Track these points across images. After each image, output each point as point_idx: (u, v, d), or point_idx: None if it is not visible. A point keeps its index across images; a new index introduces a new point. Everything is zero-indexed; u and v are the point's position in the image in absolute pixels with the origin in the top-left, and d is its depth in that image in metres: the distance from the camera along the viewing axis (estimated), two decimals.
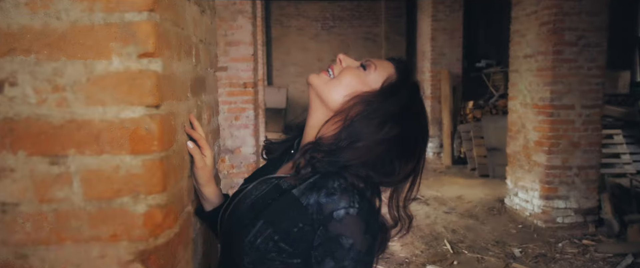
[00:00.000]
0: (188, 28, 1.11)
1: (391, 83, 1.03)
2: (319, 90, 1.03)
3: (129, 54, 0.79)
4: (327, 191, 0.91)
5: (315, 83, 1.04)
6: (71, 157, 0.80)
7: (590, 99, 4.79)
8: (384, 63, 1.07)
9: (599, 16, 4.69)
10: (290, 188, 0.96)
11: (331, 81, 1.03)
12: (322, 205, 0.90)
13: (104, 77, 0.79)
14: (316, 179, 0.95)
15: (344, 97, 1.01)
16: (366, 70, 1.04)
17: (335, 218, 0.88)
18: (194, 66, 1.18)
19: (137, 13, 0.79)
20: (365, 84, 1.02)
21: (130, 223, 0.82)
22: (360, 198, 0.91)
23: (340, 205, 0.89)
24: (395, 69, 1.06)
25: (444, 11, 8.20)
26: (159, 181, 0.82)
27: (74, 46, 0.78)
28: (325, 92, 1.02)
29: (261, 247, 0.92)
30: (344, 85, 1.02)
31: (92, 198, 0.81)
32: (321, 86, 1.03)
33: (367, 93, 1.01)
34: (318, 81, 1.04)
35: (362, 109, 0.99)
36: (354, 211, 0.89)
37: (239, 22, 4.31)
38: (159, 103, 0.81)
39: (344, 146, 0.96)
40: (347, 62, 1.07)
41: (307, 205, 0.91)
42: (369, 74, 1.03)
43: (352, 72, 1.03)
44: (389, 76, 1.04)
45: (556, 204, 4.84)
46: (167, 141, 0.85)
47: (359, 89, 1.01)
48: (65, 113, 0.79)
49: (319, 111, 1.04)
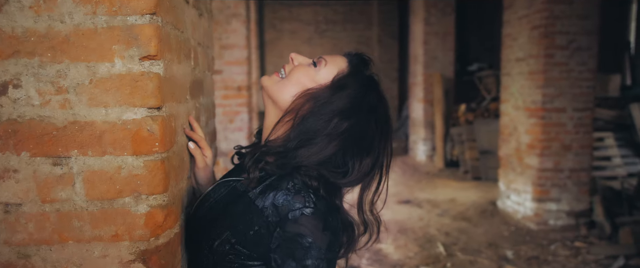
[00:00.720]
0: (187, 31, 1.13)
1: (340, 77, 1.01)
2: (269, 91, 1.03)
3: (131, 56, 0.81)
4: (282, 192, 0.91)
5: (266, 85, 1.04)
6: (74, 158, 0.81)
7: (582, 102, 4.84)
8: (336, 58, 1.05)
9: (589, 20, 4.75)
10: (247, 190, 0.96)
11: (281, 81, 1.03)
12: (277, 207, 0.89)
13: (106, 80, 0.80)
14: (271, 181, 0.94)
15: (293, 96, 1.00)
16: (317, 67, 1.03)
17: (292, 219, 0.87)
18: (193, 69, 1.20)
19: (140, 16, 0.80)
20: (315, 81, 1.01)
21: (131, 224, 0.83)
22: (315, 197, 0.91)
23: (295, 206, 0.88)
24: (348, 63, 1.04)
25: (436, 15, 8.25)
26: (160, 182, 0.84)
27: (78, 49, 0.79)
28: (275, 92, 1.02)
29: (219, 249, 0.92)
30: (293, 83, 1.01)
31: (94, 198, 0.82)
32: (271, 87, 1.03)
33: (315, 89, 0.99)
34: (269, 82, 1.04)
35: (310, 106, 0.97)
36: (309, 210, 0.88)
37: (234, 25, 4.32)
38: (160, 104, 0.83)
39: (293, 147, 0.95)
40: (298, 60, 1.07)
41: (263, 208, 0.91)
42: (319, 71, 1.02)
43: (301, 70, 1.02)
44: (340, 71, 1.02)
45: (548, 206, 4.88)
46: (168, 142, 0.87)
47: (308, 86, 1.00)
48: (68, 114, 0.80)
49: (272, 113, 1.04)
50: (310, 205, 0.89)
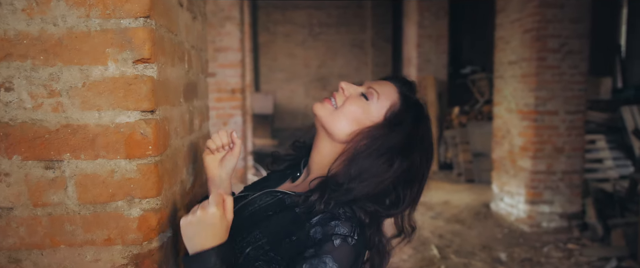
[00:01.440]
0: (181, 34, 1.12)
1: (395, 113, 1.02)
2: (323, 121, 1.04)
3: (125, 59, 0.80)
4: (332, 215, 0.92)
5: (319, 114, 1.05)
6: (66, 161, 0.80)
7: (574, 104, 4.88)
8: (385, 88, 1.05)
9: (581, 23, 4.78)
10: (294, 205, 0.97)
11: (335, 111, 1.04)
12: (324, 227, 0.90)
13: (100, 83, 0.80)
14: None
15: (348, 130, 1.01)
16: (368, 99, 1.04)
17: (333, 241, 0.89)
18: (187, 72, 1.19)
19: (134, 20, 0.80)
20: (369, 114, 1.02)
21: (124, 227, 0.82)
22: (361, 231, 0.93)
23: (341, 231, 0.90)
24: (399, 94, 1.05)
25: (430, 18, 8.28)
26: (153, 186, 0.83)
27: (71, 52, 0.79)
28: (329, 123, 1.03)
29: (251, 254, 0.92)
30: (347, 117, 1.02)
31: (86, 202, 0.81)
32: (326, 117, 1.04)
33: (371, 127, 1.01)
34: (322, 111, 1.05)
35: (368, 144, 0.99)
36: (352, 241, 0.89)
37: (227, 28, 4.32)
38: (154, 107, 0.83)
39: (353, 182, 0.96)
40: (349, 90, 1.06)
41: (309, 223, 0.92)
42: (372, 104, 1.03)
43: (354, 103, 1.03)
44: (392, 103, 1.03)
45: (541, 209, 4.90)
46: (161, 146, 0.86)
47: (362, 120, 1.02)
48: (61, 117, 0.80)
49: (325, 141, 1.06)
50: (355, 237, 0.90)
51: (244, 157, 4.61)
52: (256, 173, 7.42)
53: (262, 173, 7.47)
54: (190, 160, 1.23)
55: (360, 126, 1.02)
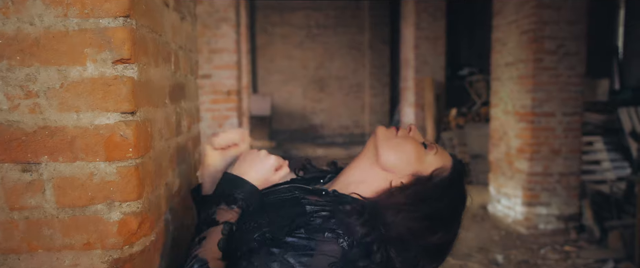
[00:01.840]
0: (167, 35, 1.11)
1: (442, 176, 1.02)
2: (379, 141, 1.04)
3: (104, 60, 0.79)
4: (337, 216, 0.91)
5: (380, 134, 1.05)
6: (44, 164, 0.78)
7: (570, 106, 4.87)
8: (444, 152, 1.08)
9: (578, 25, 4.78)
10: (307, 203, 0.97)
11: (394, 139, 1.04)
12: (326, 219, 0.90)
13: (78, 84, 0.78)
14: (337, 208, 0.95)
15: (395, 161, 1.01)
16: (427, 149, 1.04)
17: (324, 234, 0.88)
18: (173, 73, 1.18)
19: (113, 19, 0.78)
20: (421, 160, 1.02)
21: (104, 231, 0.80)
22: (357, 242, 0.89)
23: (337, 230, 0.88)
24: (453, 163, 1.06)
25: (427, 20, 8.28)
26: (134, 189, 0.81)
27: (48, 52, 0.77)
28: (384, 145, 1.03)
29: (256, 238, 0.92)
30: (402, 149, 1.02)
31: (65, 205, 0.79)
32: (383, 140, 1.04)
33: (420, 176, 1.00)
34: (384, 133, 1.05)
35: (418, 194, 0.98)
36: (344, 244, 0.88)
37: (223, 30, 4.30)
38: (134, 109, 0.81)
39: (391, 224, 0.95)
40: (415, 134, 1.08)
41: (312, 213, 0.92)
42: (428, 154, 1.03)
43: (415, 144, 1.04)
44: (444, 165, 1.03)
45: (538, 211, 4.89)
46: (142, 148, 0.85)
47: (412, 161, 1.01)
48: (38, 119, 0.78)
49: (367, 160, 1.05)
50: (348, 241, 0.88)
51: None
52: None
53: None
54: (178, 162, 1.21)
55: (408, 164, 1.01)
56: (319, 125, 12.08)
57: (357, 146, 11.02)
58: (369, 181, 1.02)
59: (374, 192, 1.01)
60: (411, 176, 1.01)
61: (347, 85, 12.00)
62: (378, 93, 11.87)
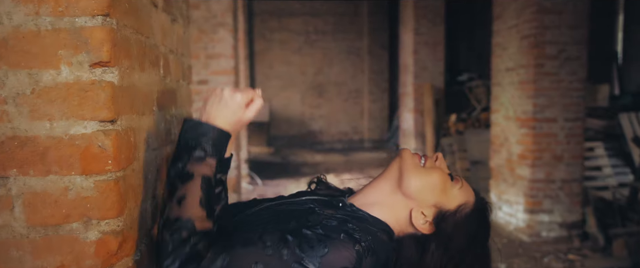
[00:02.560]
0: (155, 37, 1.03)
1: (466, 212, 0.99)
2: (404, 167, 1.00)
3: (80, 63, 0.71)
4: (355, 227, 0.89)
5: (406, 159, 1.01)
6: (12, 178, 0.71)
7: (572, 112, 4.80)
8: (468, 187, 1.05)
9: (579, 30, 4.72)
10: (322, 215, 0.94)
11: (421, 167, 1.01)
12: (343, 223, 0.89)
13: (51, 89, 0.71)
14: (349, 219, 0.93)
15: (419, 189, 0.98)
16: (453, 181, 1.02)
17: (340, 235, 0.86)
18: (162, 78, 1.10)
19: (90, 18, 0.71)
20: (445, 193, 0.99)
21: (80, 253, 0.73)
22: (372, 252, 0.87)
23: (354, 234, 0.86)
24: (476, 199, 1.03)
25: (426, 25, 8.23)
26: (113, 205, 0.74)
27: (17, 54, 0.70)
28: (408, 172, 0.99)
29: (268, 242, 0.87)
30: (428, 179, 0.99)
31: (36, 224, 0.72)
32: (409, 166, 1.00)
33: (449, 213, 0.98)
34: (410, 160, 1.01)
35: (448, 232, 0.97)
36: (360, 249, 0.85)
37: (220, 35, 4.24)
38: (114, 117, 0.73)
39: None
40: (441, 164, 1.04)
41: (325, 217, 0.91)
42: (454, 187, 1.01)
43: (441, 175, 1.01)
44: (467, 201, 1.01)
45: (541, 218, 4.81)
46: (124, 160, 0.77)
47: (437, 192, 0.98)
48: (7, 128, 0.70)
49: (389, 183, 1.02)
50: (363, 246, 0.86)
51: (238, 166, 4.51)
52: (251, 181, 7.31)
53: (256, 181, 7.37)
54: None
55: (432, 195, 0.98)
56: (318, 131, 12.00)
57: (356, 152, 10.95)
58: (388, 205, 0.99)
59: (392, 217, 0.98)
60: (433, 208, 0.98)
61: (345, 91, 11.93)
62: (377, 99, 11.81)
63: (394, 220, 0.98)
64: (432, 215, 0.97)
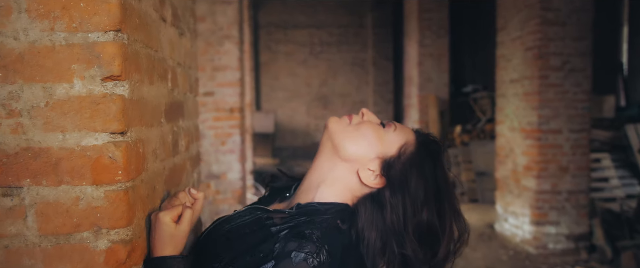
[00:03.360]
0: (163, 51, 1.06)
1: (409, 152, 0.96)
2: (334, 134, 0.98)
3: (92, 76, 0.74)
4: (299, 234, 0.84)
5: (332, 127, 0.98)
6: (26, 188, 0.73)
7: (578, 123, 4.80)
8: (404, 127, 1.01)
9: (583, 41, 4.74)
10: (271, 224, 0.90)
11: (349, 126, 0.98)
12: (287, 241, 0.83)
13: (64, 102, 0.73)
14: (297, 222, 0.88)
15: (354, 149, 0.95)
16: (385, 128, 0.99)
17: (292, 258, 0.81)
18: (170, 90, 1.13)
19: (103, 33, 0.74)
20: (382, 142, 0.96)
21: (90, 261, 0.74)
22: (328, 255, 0.83)
23: (303, 249, 0.81)
24: (415, 135, 1.00)
25: (431, 37, 8.27)
26: (123, 215, 0.76)
27: (33, 68, 0.72)
28: (339, 136, 0.97)
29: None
30: (361, 135, 0.96)
31: (48, 233, 0.73)
32: (338, 131, 0.98)
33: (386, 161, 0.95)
34: (336, 125, 0.99)
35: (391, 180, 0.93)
36: (313, 262, 0.80)
37: (226, 47, 4.28)
38: (124, 129, 0.75)
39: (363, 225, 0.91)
40: (369, 116, 1.02)
41: (277, 238, 0.85)
42: (388, 133, 0.98)
43: (371, 126, 0.98)
44: (407, 141, 0.98)
45: (547, 230, 4.78)
46: (133, 171, 0.79)
47: (374, 144, 0.96)
48: (21, 140, 0.73)
49: (325, 156, 0.99)
50: (317, 258, 0.81)
51: (243, 177, 4.53)
52: (256, 192, 7.32)
53: (261, 192, 7.38)
54: (174, 184, 1.15)
55: (371, 148, 0.95)
56: None
57: None
58: (334, 178, 0.96)
59: (343, 189, 0.95)
60: (377, 160, 0.95)
61: (350, 102, 11.97)
62: (381, 110, 11.83)
63: (346, 191, 0.94)
64: (379, 167, 0.94)
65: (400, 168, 0.94)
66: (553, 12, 4.65)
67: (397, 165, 0.94)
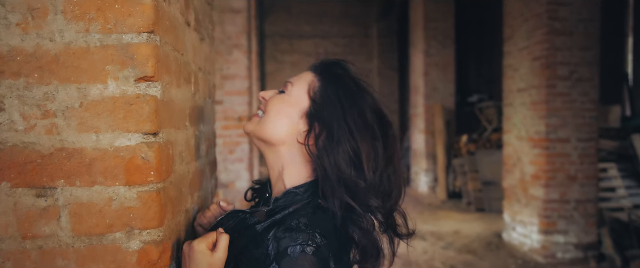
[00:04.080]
0: (188, 54, 1.07)
1: (317, 88, 0.97)
2: (254, 134, 1.00)
3: (126, 77, 0.74)
4: (286, 226, 0.85)
5: (251, 129, 1.00)
6: (60, 189, 0.73)
7: (585, 132, 4.78)
8: (299, 75, 1.02)
9: (590, 51, 4.74)
10: (255, 223, 0.91)
11: (262, 119, 1.00)
12: (279, 240, 0.84)
13: (98, 103, 0.74)
14: (281, 216, 0.90)
15: (280, 129, 0.96)
16: (286, 91, 1.00)
17: (290, 255, 0.81)
18: (193, 95, 1.13)
19: (136, 35, 0.74)
20: (292, 103, 0.98)
21: (122, 262, 0.74)
22: (321, 238, 0.84)
23: (297, 241, 0.82)
24: (314, 72, 1.02)
25: (436, 47, 8.30)
26: (155, 215, 0.76)
27: (68, 69, 0.73)
28: (260, 132, 0.98)
29: None
30: (275, 114, 0.98)
31: (81, 233, 0.74)
32: (257, 129, 0.99)
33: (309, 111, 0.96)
34: (252, 126, 1.00)
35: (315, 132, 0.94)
36: (311, 249, 0.81)
37: (235, 56, 4.31)
38: (157, 129, 0.76)
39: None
40: (267, 95, 1.03)
41: (266, 239, 0.86)
42: (290, 92, 0.99)
43: (275, 100, 1.00)
44: (309, 83, 0.99)
45: (555, 239, 4.75)
46: (164, 172, 0.79)
47: (289, 111, 0.97)
48: (55, 140, 0.73)
49: (269, 154, 1.00)
50: (313, 244, 0.82)
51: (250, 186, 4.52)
52: None
53: None
54: (196, 188, 1.15)
55: (289, 116, 0.97)
56: None
57: None
58: (286, 161, 0.97)
59: (301, 166, 0.96)
60: (301, 120, 0.96)
61: None
62: None
63: (304, 161, 0.96)
64: (307, 122, 0.96)
65: (321, 105, 0.95)
66: (560, 22, 4.66)
67: (316, 107, 0.95)
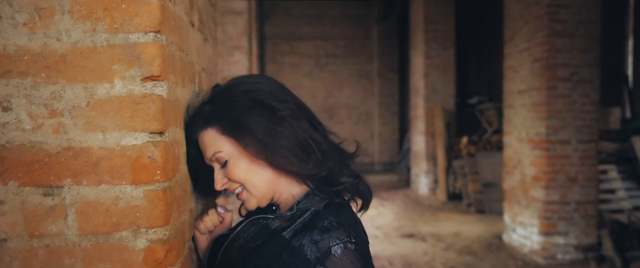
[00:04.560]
0: (192, 54, 1.07)
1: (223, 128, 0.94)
2: (261, 203, 0.98)
3: (132, 77, 0.75)
4: (321, 228, 0.87)
5: (254, 205, 0.98)
6: (67, 188, 0.73)
7: (586, 134, 4.79)
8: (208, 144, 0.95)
9: (590, 53, 4.75)
10: (280, 229, 0.92)
11: (245, 191, 0.97)
12: (317, 242, 0.85)
13: (105, 102, 0.74)
14: (305, 220, 0.91)
15: (262, 180, 0.96)
16: (222, 161, 0.95)
17: (334, 254, 0.83)
18: (197, 95, 1.14)
19: (143, 34, 0.75)
20: (236, 159, 0.94)
21: (128, 261, 0.75)
22: (356, 232, 0.88)
23: (337, 240, 0.84)
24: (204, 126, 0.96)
25: (437, 48, 8.31)
26: (161, 214, 0.76)
27: (75, 69, 0.73)
28: (261, 198, 0.97)
29: None
30: (244, 180, 0.95)
31: (88, 232, 0.74)
32: (257, 201, 0.98)
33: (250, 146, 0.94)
34: (253, 202, 0.98)
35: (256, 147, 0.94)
36: (352, 245, 0.85)
37: (236, 57, 4.31)
38: (163, 129, 0.76)
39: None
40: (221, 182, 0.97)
41: (300, 246, 0.86)
42: (225, 155, 0.94)
43: (232, 171, 0.95)
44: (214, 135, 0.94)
45: (556, 240, 4.75)
46: (170, 171, 0.80)
47: (244, 166, 0.95)
48: (62, 139, 0.73)
49: (276, 195, 1.00)
50: (353, 240, 0.86)
51: None
52: None
53: None
54: None
55: (251, 167, 0.95)
56: None
57: (366, 174, 10.83)
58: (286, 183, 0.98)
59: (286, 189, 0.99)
60: (250, 156, 0.95)
61: (356, 114, 11.98)
62: (387, 121, 11.83)
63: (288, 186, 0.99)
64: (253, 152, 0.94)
65: (237, 131, 0.93)
66: (561, 24, 4.67)
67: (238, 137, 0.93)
